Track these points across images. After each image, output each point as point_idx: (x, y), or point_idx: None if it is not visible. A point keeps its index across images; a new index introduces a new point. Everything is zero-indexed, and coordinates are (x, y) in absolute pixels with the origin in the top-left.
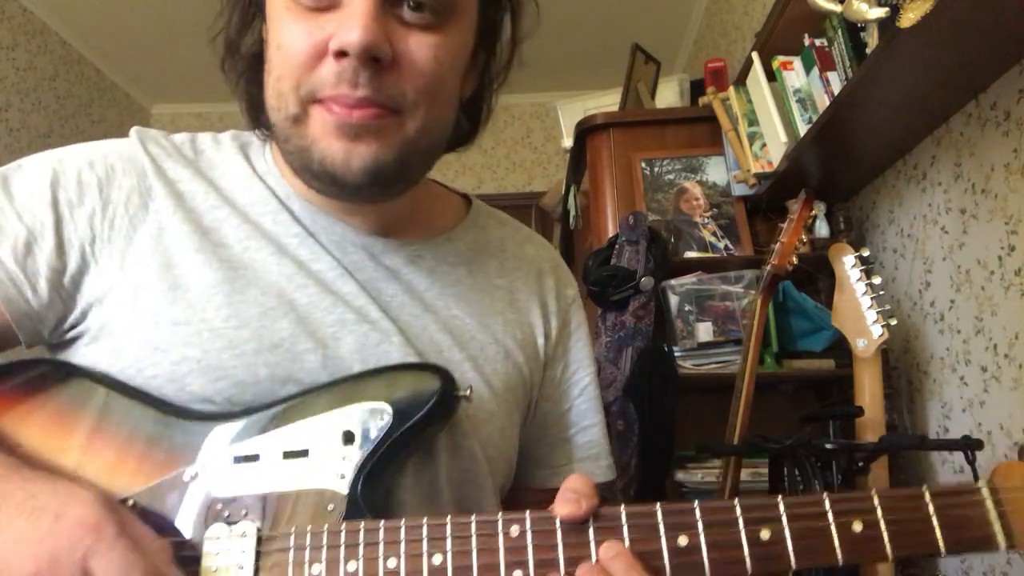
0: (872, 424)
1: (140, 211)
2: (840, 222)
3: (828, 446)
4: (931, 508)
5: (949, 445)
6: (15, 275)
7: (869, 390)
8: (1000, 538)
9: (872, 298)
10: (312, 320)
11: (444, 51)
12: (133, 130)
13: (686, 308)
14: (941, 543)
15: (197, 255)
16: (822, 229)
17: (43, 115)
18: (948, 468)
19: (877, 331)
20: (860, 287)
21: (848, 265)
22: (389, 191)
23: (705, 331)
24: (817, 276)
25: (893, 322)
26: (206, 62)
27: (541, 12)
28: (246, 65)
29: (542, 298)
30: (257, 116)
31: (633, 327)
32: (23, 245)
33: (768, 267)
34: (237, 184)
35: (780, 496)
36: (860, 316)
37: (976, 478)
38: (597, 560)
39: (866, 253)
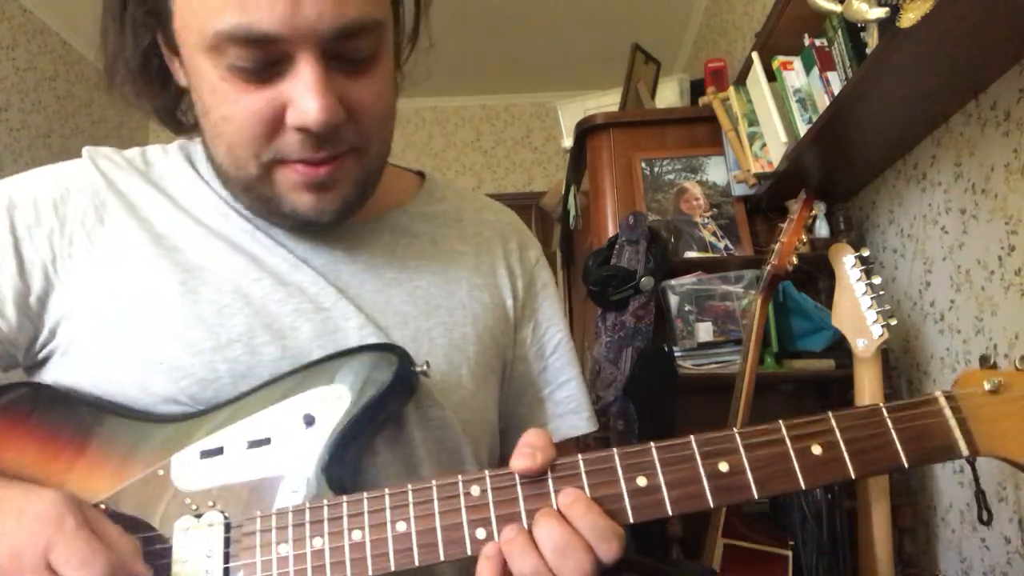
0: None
1: (96, 225)
2: (840, 222)
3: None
4: (889, 423)
5: None
6: None
7: (869, 390)
8: (962, 444)
9: (872, 298)
10: (268, 313)
11: (384, 82)
12: (85, 149)
13: (686, 308)
14: (903, 456)
15: (152, 261)
16: (822, 229)
17: (43, 115)
18: (948, 468)
19: (877, 331)
20: (860, 287)
21: (848, 265)
22: (353, 215)
23: (705, 331)
24: (817, 276)
25: (893, 322)
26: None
27: (541, 12)
28: (135, 82)
29: (507, 261)
30: (174, 123)
31: (633, 327)
32: None
33: (768, 267)
34: (187, 191)
35: (736, 428)
36: (860, 316)
37: (976, 478)
38: (557, 508)
39: (866, 253)
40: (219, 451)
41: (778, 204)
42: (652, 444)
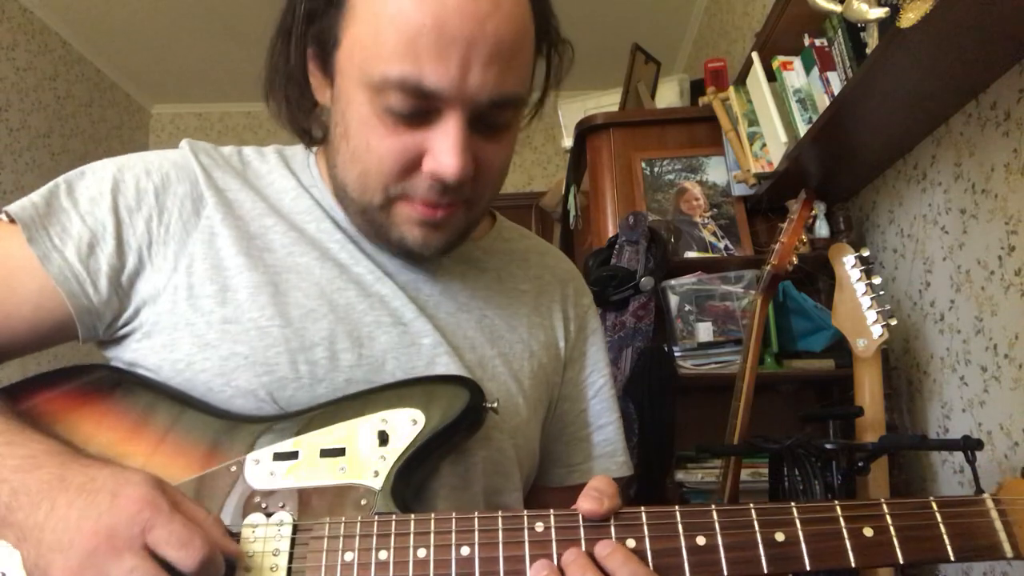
0: (872, 424)
1: (193, 217)
2: (840, 222)
3: (828, 446)
4: (939, 517)
5: (949, 445)
6: (79, 273)
7: (869, 390)
8: (1006, 546)
9: (872, 298)
10: (350, 320)
11: (511, 147)
12: (184, 142)
13: (686, 308)
14: (950, 551)
15: (243, 258)
16: (822, 229)
17: (43, 115)
18: (948, 468)
19: (877, 331)
20: (860, 287)
21: (848, 265)
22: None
23: (705, 331)
24: (817, 276)
25: (893, 322)
26: (206, 62)
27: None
28: (289, 96)
29: (563, 304)
30: (304, 134)
31: (633, 327)
32: (87, 246)
33: (768, 267)
34: (283, 195)
35: (793, 502)
36: (860, 316)
37: (976, 478)
38: (594, 556)
39: (866, 253)
40: (294, 455)
41: (778, 204)
42: (713, 506)
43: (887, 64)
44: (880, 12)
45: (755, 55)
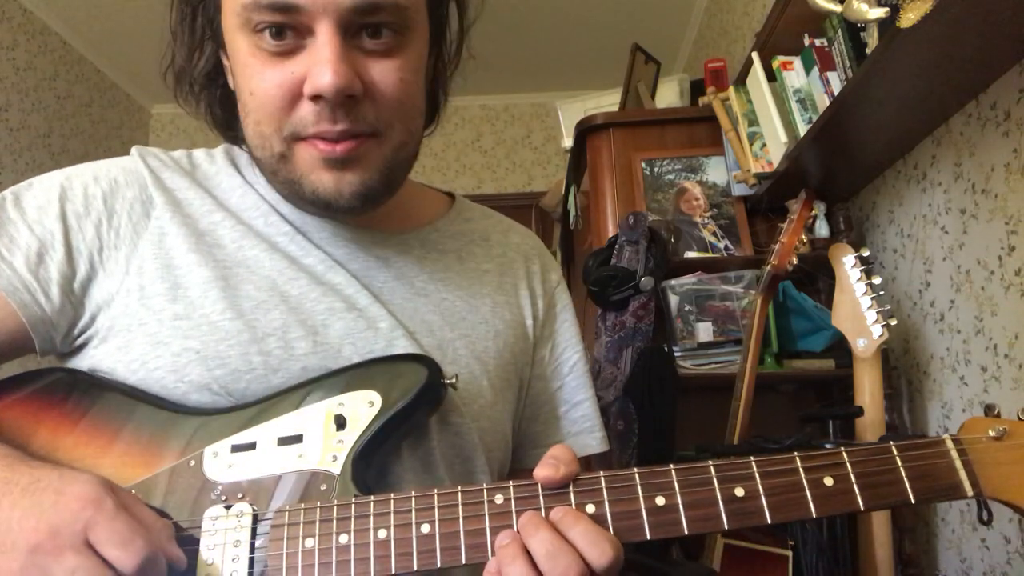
0: (872, 424)
1: (143, 219)
2: (840, 222)
3: (828, 446)
4: (899, 460)
5: None
6: (29, 282)
7: (869, 390)
8: (967, 485)
9: (872, 298)
10: (303, 310)
11: (407, 71)
12: (133, 148)
13: (686, 308)
14: (911, 493)
15: (194, 255)
16: (822, 229)
17: (43, 115)
18: None
19: (877, 331)
20: (860, 287)
21: (848, 265)
22: (377, 205)
23: (705, 331)
24: (817, 276)
25: (893, 322)
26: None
27: (541, 12)
28: (201, 87)
29: (529, 282)
30: (227, 133)
31: (633, 327)
32: (35, 255)
33: (768, 267)
34: (230, 192)
35: (752, 456)
36: (860, 316)
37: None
38: (548, 519)
39: (866, 253)
40: (251, 446)
41: (778, 204)
42: (672, 466)
43: (887, 64)
44: (880, 12)
45: (755, 55)
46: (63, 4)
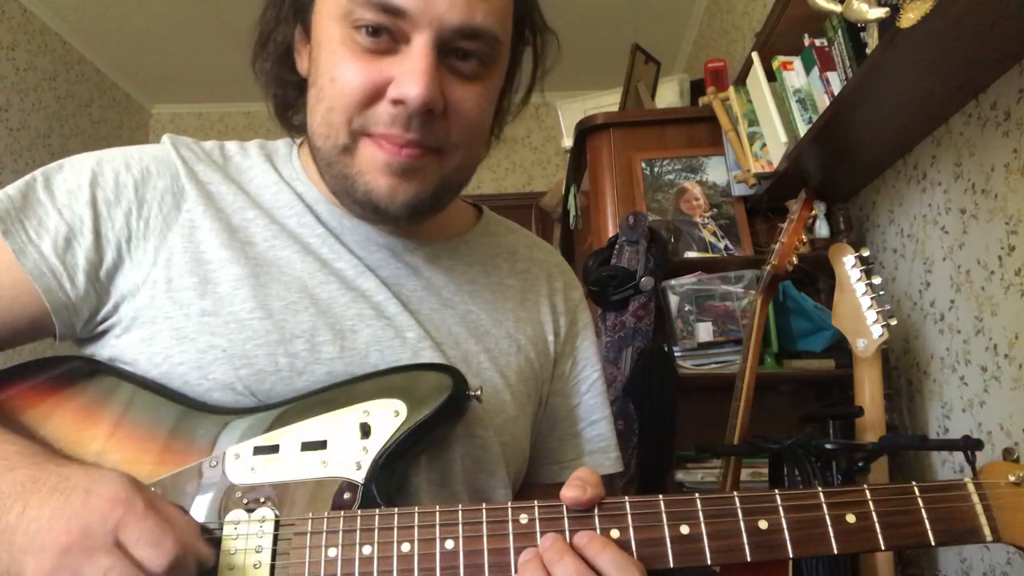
0: (872, 424)
1: (173, 211)
2: (840, 222)
3: (828, 446)
4: (920, 502)
5: (949, 445)
6: (55, 267)
7: (869, 390)
8: (986, 529)
9: (872, 298)
10: (332, 314)
11: (486, 99)
12: (166, 136)
13: (686, 308)
14: (931, 535)
15: (225, 251)
16: (822, 229)
17: (43, 115)
18: (948, 468)
19: (877, 331)
20: (860, 287)
21: (848, 265)
22: (423, 219)
23: (705, 331)
24: (817, 276)
25: (893, 322)
26: (206, 62)
27: (542, 12)
28: (272, 63)
29: (551, 298)
30: (284, 115)
31: (633, 327)
32: (63, 240)
33: (768, 267)
34: (264, 189)
35: (776, 489)
36: (860, 316)
37: (975, 477)
38: (572, 544)
39: (866, 253)
40: (274, 449)
41: (778, 204)
42: (697, 495)
43: (887, 64)
44: (880, 12)
45: (755, 55)
46: (63, 4)
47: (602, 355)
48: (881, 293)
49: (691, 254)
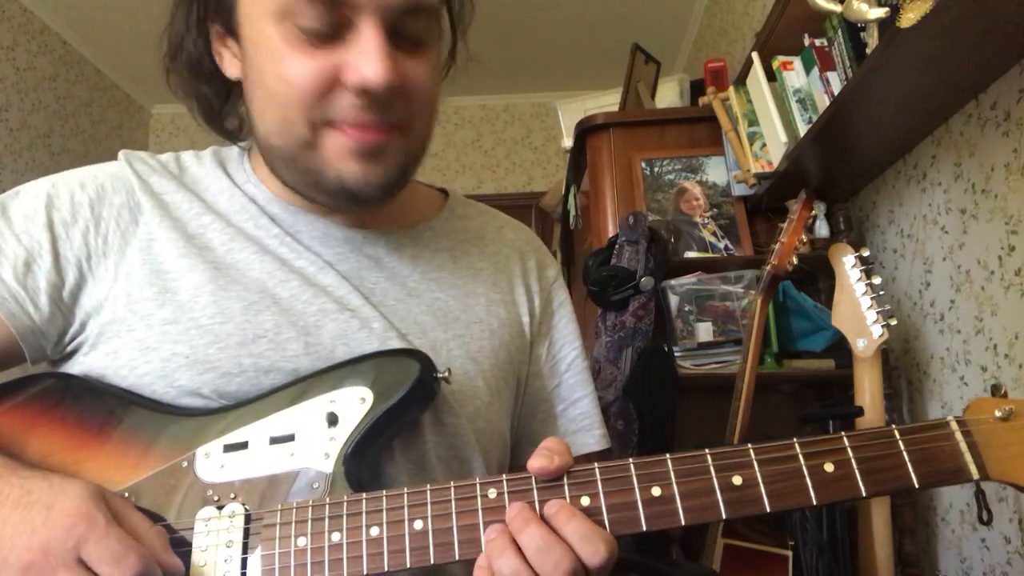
0: (872, 424)
1: (131, 225)
2: (840, 222)
3: None
4: (901, 444)
5: None
6: (17, 292)
7: (869, 390)
8: (972, 468)
9: (872, 298)
10: (294, 311)
11: (433, 67)
12: (121, 152)
13: (686, 308)
14: (914, 477)
15: (183, 259)
16: (822, 229)
17: (43, 115)
18: None
19: (877, 331)
20: (860, 287)
21: (848, 265)
22: (392, 198)
23: (705, 331)
24: (817, 276)
25: (893, 322)
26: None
27: (541, 12)
28: (189, 70)
29: (524, 279)
30: (215, 121)
31: (633, 327)
32: (23, 264)
33: (768, 267)
34: (219, 195)
35: (750, 443)
36: (860, 316)
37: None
38: (542, 514)
39: (866, 253)
40: (243, 445)
41: (778, 204)
42: (667, 456)
43: (887, 64)
44: (880, 12)
45: (755, 55)
46: (63, 4)
47: (601, 355)
48: (881, 293)
49: (691, 254)
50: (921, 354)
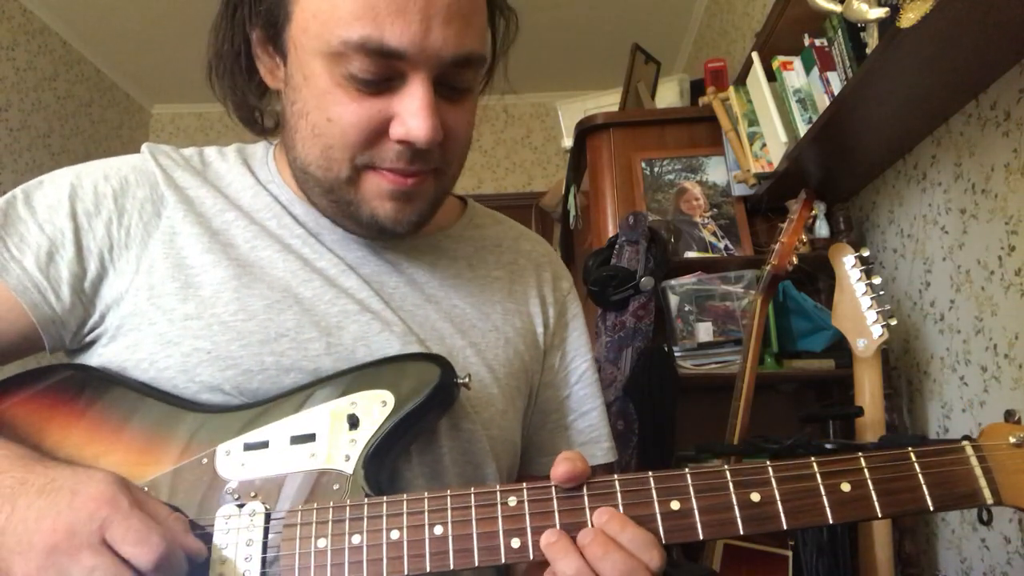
0: (872, 424)
1: (154, 218)
2: (840, 222)
3: (828, 446)
4: (917, 467)
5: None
6: (39, 282)
7: (869, 390)
8: (986, 492)
9: (872, 298)
10: (316, 311)
11: (473, 112)
12: (144, 145)
13: (686, 308)
14: (929, 501)
15: (207, 255)
16: (822, 229)
17: (43, 115)
18: None
19: (877, 331)
20: (860, 287)
21: (848, 265)
22: (419, 230)
23: (705, 331)
24: (817, 276)
25: (893, 322)
26: (206, 62)
27: (541, 12)
28: (231, 76)
29: (539, 290)
30: (254, 124)
31: (633, 327)
32: (45, 254)
33: (768, 267)
34: (242, 192)
35: (768, 461)
36: (860, 316)
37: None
38: (593, 526)
39: (866, 253)
40: (264, 444)
41: (778, 204)
42: (687, 470)
43: (887, 64)
44: (880, 12)
45: (755, 55)
46: (63, 4)
47: (601, 355)
48: (881, 293)
49: (691, 254)
50: (921, 354)
